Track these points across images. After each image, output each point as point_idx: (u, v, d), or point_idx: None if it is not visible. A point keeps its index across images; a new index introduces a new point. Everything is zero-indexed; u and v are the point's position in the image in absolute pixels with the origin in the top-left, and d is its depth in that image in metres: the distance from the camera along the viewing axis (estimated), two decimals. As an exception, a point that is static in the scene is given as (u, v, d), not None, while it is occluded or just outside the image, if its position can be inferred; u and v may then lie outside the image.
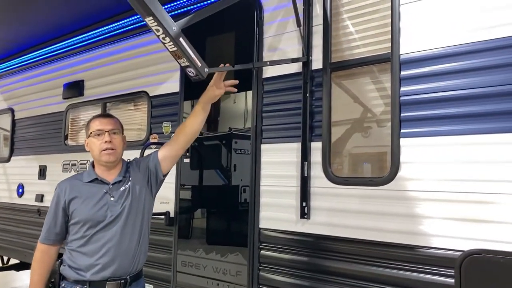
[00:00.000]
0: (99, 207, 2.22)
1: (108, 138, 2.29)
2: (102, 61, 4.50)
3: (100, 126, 2.32)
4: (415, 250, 2.41)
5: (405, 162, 2.48)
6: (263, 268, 3.04)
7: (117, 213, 2.23)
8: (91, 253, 2.19)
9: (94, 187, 2.27)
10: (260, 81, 3.19)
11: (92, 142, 2.32)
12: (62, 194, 2.26)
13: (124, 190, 2.28)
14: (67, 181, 2.34)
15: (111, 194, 2.26)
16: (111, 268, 2.19)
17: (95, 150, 2.31)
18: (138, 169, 2.41)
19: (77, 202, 2.23)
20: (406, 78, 2.52)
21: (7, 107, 5.85)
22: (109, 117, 2.44)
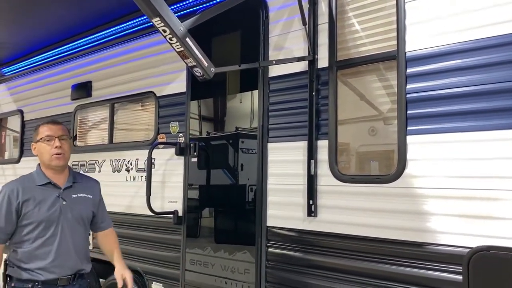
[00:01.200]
0: (53, 210, 2.40)
1: (58, 143, 2.45)
2: (109, 62, 4.54)
3: (50, 132, 2.48)
4: (423, 247, 2.41)
5: (412, 160, 2.49)
6: (271, 266, 3.06)
7: (68, 216, 2.44)
8: (44, 255, 2.36)
9: (47, 190, 2.43)
10: (266, 80, 3.21)
11: (41, 147, 2.47)
12: (13, 195, 2.37)
13: (76, 198, 2.52)
14: (16, 182, 2.46)
15: (63, 198, 2.45)
16: (63, 268, 2.40)
17: (45, 154, 2.46)
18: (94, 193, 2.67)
19: (31, 204, 2.36)
20: (412, 75, 2.52)
21: (16, 109, 5.92)
22: (58, 123, 2.61)
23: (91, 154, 4.63)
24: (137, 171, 4.10)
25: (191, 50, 2.25)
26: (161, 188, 3.84)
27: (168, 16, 2.17)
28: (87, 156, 4.67)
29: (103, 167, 4.46)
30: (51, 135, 2.47)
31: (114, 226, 4.09)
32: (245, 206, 3.35)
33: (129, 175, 4.16)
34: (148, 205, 3.58)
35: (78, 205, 2.52)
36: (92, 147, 4.68)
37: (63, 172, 2.54)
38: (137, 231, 4.00)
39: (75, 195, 2.52)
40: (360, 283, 2.61)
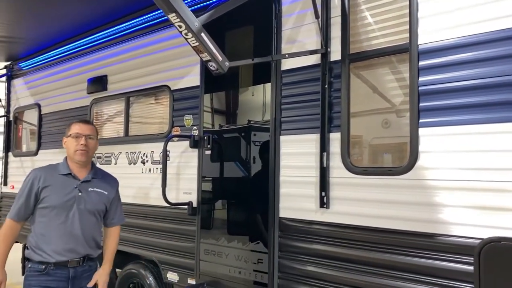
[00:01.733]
0: (68, 198, 2.64)
1: (84, 141, 2.72)
2: (124, 56, 4.61)
3: (79, 130, 2.75)
4: (434, 238, 2.44)
5: (424, 152, 2.51)
6: (283, 256, 3.12)
7: (81, 207, 2.67)
8: (56, 239, 2.60)
9: (67, 180, 2.68)
10: (278, 73, 3.24)
11: (70, 142, 2.75)
12: (36, 180, 2.63)
13: (92, 191, 2.74)
14: (42, 170, 2.73)
15: (80, 190, 2.69)
16: (72, 252, 2.63)
17: (71, 148, 2.73)
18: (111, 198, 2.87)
19: (49, 190, 2.62)
20: (425, 68, 2.53)
21: (34, 102, 6.04)
22: (89, 124, 2.91)
23: (107, 146, 4.72)
24: (152, 163, 4.18)
25: (206, 45, 2.30)
26: (175, 180, 3.92)
27: (183, 11, 2.22)
28: (103, 148, 4.76)
29: (119, 160, 4.55)
30: (80, 133, 2.73)
31: (131, 217, 4.22)
32: (257, 198, 3.40)
33: (145, 167, 4.25)
34: (164, 197, 3.66)
35: (92, 198, 2.74)
36: (108, 140, 4.77)
37: (85, 167, 2.79)
38: (152, 221, 4.09)
39: (91, 188, 2.75)
40: (372, 273, 2.66)
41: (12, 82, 6.66)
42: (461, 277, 2.32)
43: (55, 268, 2.59)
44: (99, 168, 3.01)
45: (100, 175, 2.88)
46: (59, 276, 2.60)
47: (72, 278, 2.64)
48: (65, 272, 2.62)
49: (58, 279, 2.60)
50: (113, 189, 2.92)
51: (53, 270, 2.59)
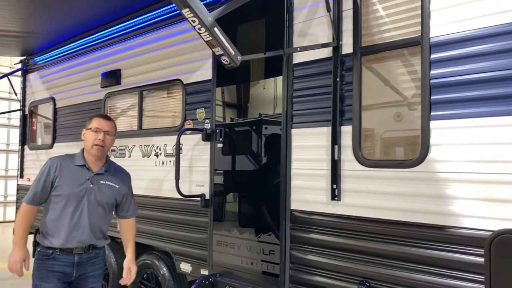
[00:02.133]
0: (80, 189, 2.75)
1: (102, 137, 2.82)
2: (137, 50, 4.66)
3: (99, 125, 2.84)
4: (445, 230, 2.46)
5: (435, 144, 2.53)
6: (295, 248, 3.16)
7: (91, 198, 2.77)
8: (63, 226, 2.70)
9: (81, 171, 2.79)
10: (290, 66, 3.27)
11: (89, 134, 2.84)
12: (53, 168, 2.74)
13: (103, 184, 2.83)
14: (59, 158, 2.83)
15: (92, 181, 2.78)
16: (77, 240, 2.74)
17: (88, 141, 2.83)
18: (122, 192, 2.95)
19: (63, 179, 2.73)
20: (436, 61, 2.54)
21: (48, 96, 6.14)
22: (109, 120, 2.97)
23: (121, 140, 4.80)
24: (165, 156, 4.24)
25: (219, 39, 2.33)
26: (188, 173, 3.98)
27: (197, 6, 2.26)
28: (117, 141, 4.81)
29: (133, 152, 4.62)
30: (99, 128, 2.83)
31: (145, 209, 4.29)
32: (268, 190, 3.44)
33: (158, 160, 4.31)
34: (177, 189, 3.72)
35: (103, 191, 2.83)
36: (122, 133, 4.84)
37: (100, 160, 2.89)
38: (166, 213, 4.16)
39: (103, 181, 2.84)
40: (383, 265, 2.69)
41: (27, 76, 6.77)
42: (472, 269, 2.35)
43: (61, 253, 2.70)
44: (114, 162, 3.08)
45: (113, 169, 2.96)
46: (65, 261, 2.71)
47: (77, 264, 2.75)
48: (71, 257, 2.73)
49: (64, 263, 2.71)
50: (125, 183, 2.99)
51: (59, 255, 2.70)
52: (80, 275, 2.78)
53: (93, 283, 2.84)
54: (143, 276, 4.38)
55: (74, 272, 2.75)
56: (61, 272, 2.71)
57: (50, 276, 2.68)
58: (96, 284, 2.86)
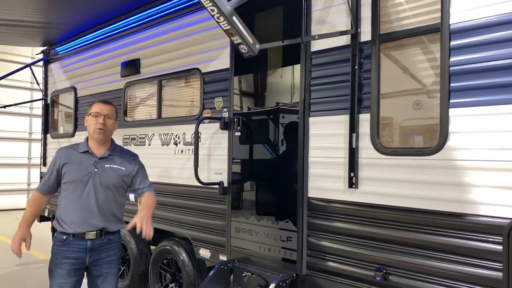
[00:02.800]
0: (84, 174, 2.82)
1: (102, 121, 2.87)
2: (156, 39, 4.72)
3: (98, 110, 2.90)
4: (463, 218, 2.46)
5: (454, 132, 2.52)
6: (312, 235, 3.20)
7: (97, 182, 2.82)
8: (73, 211, 2.80)
9: (85, 157, 2.87)
10: (308, 54, 3.27)
11: (90, 120, 2.92)
12: (58, 158, 2.87)
13: (108, 168, 2.88)
14: (65, 148, 2.96)
15: (96, 166, 2.85)
16: (88, 225, 2.80)
17: (90, 127, 2.90)
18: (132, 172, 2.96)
19: (69, 167, 2.83)
20: (456, 48, 2.52)
21: (70, 86, 6.27)
22: (108, 104, 3.01)
23: (141, 128, 4.88)
24: (184, 144, 4.31)
25: (238, 28, 2.35)
26: (207, 161, 4.04)
27: (215, -5, 2.28)
28: (137, 130, 4.93)
29: (153, 141, 4.70)
30: (99, 113, 2.89)
31: (165, 196, 4.38)
32: (286, 178, 3.48)
33: (177, 148, 4.38)
34: (196, 176, 3.78)
35: (108, 174, 2.87)
36: (142, 122, 4.93)
37: (104, 145, 2.95)
38: (185, 200, 4.24)
39: (108, 165, 2.89)
40: (399, 252, 2.71)
41: (49, 66, 6.91)
42: (489, 256, 2.35)
43: (74, 239, 2.78)
44: (119, 145, 3.10)
45: (118, 152, 2.98)
46: (78, 247, 2.78)
47: (90, 250, 2.79)
48: (83, 243, 2.78)
49: (77, 249, 2.78)
50: (132, 164, 2.98)
51: (72, 240, 2.78)
52: (94, 261, 2.82)
53: (107, 268, 2.87)
54: (163, 262, 4.48)
55: (87, 257, 2.80)
56: (74, 258, 2.77)
57: (63, 262, 2.76)
58: (111, 270, 2.90)
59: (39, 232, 9.07)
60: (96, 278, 2.87)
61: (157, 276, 4.51)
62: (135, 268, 4.83)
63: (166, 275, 4.43)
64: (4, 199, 12.20)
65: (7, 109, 8.22)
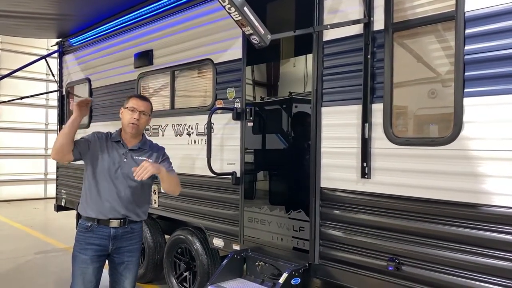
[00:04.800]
0: (114, 162, 2.90)
1: (137, 116, 2.94)
2: (169, 30, 4.73)
3: (135, 105, 2.96)
4: (478, 208, 2.44)
5: (468, 122, 2.49)
6: (325, 225, 3.21)
7: (125, 171, 2.89)
8: (99, 198, 2.86)
9: (116, 147, 2.95)
10: (320, 44, 3.25)
11: (125, 113, 2.97)
12: (94, 137, 2.94)
13: (136, 159, 2.92)
14: (101, 132, 3.01)
15: (125, 156, 2.92)
16: (111, 212, 2.87)
17: (125, 119, 2.96)
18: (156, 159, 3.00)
19: (100, 153, 2.89)
20: (471, 36, 2.48)
21: (84, 77, 6.33)
22: (146, 100, 3.06)
23: (154, 119, 4.89)
24: (197, 135, 4.34)
25: (249, 18, 2.35)
26: (219, 151, 4.06)
27: (226, -14, 2.28)
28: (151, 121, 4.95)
29: (166, 132, 4.74)
30: (135, 108, 2.95)
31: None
32: (299, 168, 3.48)
33: (190, 138, 4.42)
34: (209, 167, 3.81)
35: (136, 165, 2.80)
36: (155, 113, 4.92)
37: (135, 138, 3.02)
38: (198, 190, 4.28)
39: (137, 157, 2.95)
40: (412, 242, 2.70)
41: (63, 58, 6.99)
42: (504, 247, 2.34)
43: (98, 226, 2.85)
44: (150, 140, 3.17)
45: (148, 147, 3.05)
46: (101, 234, 2.85)
47: (113, 237, 2.87)
48: (107, 230, 2.86)
49: (101, 236, 2.86)
50: (158, 156, 3.03)
51: (97, 228, 2.85)
52: (116, 248, 2.90)
53: (129, 257, 2.95)
54: (177, 251, 4.55)
55: (110, 245, 2.87)
56: (98, 245, 2.85)
57: (87, 248, 2.84)
58: (132, 258, 2.98)
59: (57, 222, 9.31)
60: (118, 266, 2.95)
61: (171, 265, 4.58)
62: (150, 257, 4.91)
63: (181, 264, 4.50)
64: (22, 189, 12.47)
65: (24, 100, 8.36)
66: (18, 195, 12.35)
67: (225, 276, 3.62)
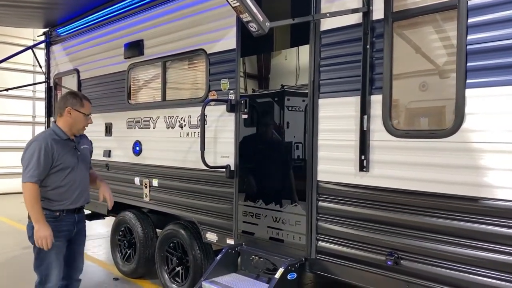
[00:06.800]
0: (74, 158, 3.15)
1: (91, 121, 3.25)
2: (160, 20, 4.60)
3: (90, 111, 3.23)
4: (479, 201, 2.40)
5: (470, 113, 2.43)
6: (321, 219, 3.15)
7: (82, 162, 3.21)
8: (69, 192, 3.11)
9: (68, 144, 3.14)
10: (317, 34, 3.17)
11: (80, 118, 3.15)
12: (48, 147, 3.00)
13: (83, 149, 3.26)
14: (46, 137, 3.05)
15: (77, 149, 3.19)
16: (80, 201, 3.20)
17: (80, 124, 3.17)
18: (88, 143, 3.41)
19: (60, 154, 3.05)
20: (474, 25, 2.42)
21: (72, 68, 6.17)
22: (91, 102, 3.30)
23: (145, 111, 4.81)
24: (190, 127, 4.24)
25: (247, 5, 2.26)
26: (213, 144, 3.97)
27: (223, -29, 2.18)
28: (141, 113, 4.86)
29: (158, 124, 4.63)
30: (90, 113, 3.22)
31: (170, 180, 4.36)
32: (290, 164, 3.41)
33: (183, 131, 4.32)
34: (203, 160, 3.72)
35: (85, 154, 3.29)
36: (146, 105, 4.85)
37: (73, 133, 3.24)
38: (191, 184, 4.19)
39: (82, 146, 3.27)
40: (412, 236, 2.66)
41: (51, 48, 6.80)
42: (506, 241, 2.30)
43: (66, 214, 3.11)
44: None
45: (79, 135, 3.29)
46: (69, 221, 3.15)
47: (77, 222, 3.22)
48: (73, 217, 3.18)
49: (68, 223, 3.15)
50: (89, 142, 3.42)
51: (65, 216, 3.11)
52: (77, 231, 3.24)
53: (84, 236, 3.36)
54: (169, 245, 4.46)
55: (75, 228, 3.21)
56: (67, 231, 3.14)
57: (60, 235, 3.08)
58: (85, 237, 3.39)
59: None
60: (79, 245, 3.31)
61: (163, 259, 4.50)
62: (141, 252, 4.82)
63: (173, 259, 4.42)
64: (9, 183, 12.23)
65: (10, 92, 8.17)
66: (4, 188, 12.12)
67: (219, 271, 3.55)
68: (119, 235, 5.20)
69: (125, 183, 4.99)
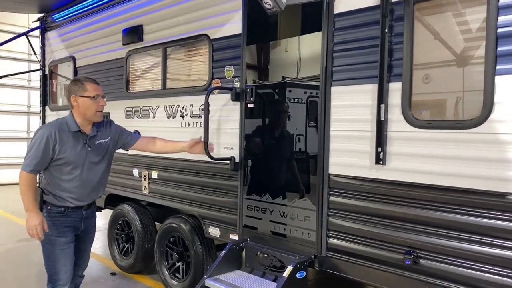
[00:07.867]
0: (80, 154, 2.86)
1: (103, 102, 2.89)
2: (160, 4, 4.37)
3: (98, 92, 2.88)
4: (507, 197, 2.23)
5: (500, 102, 2.25)
6: (333, 214, 2.97)
7: (91, 160, 2.92)
8: (74, 188, 2.88)
9: (77, 137, 2.86)
10: (331, 17, 2.97)
11: (88, 103, 2.84)
12: (51, 137, 2.76)
13: (98, 144, 2.96)
14: (53, 126, 2.82)
15: (88, 145, 2.90)
16: (87, 198, 2.97)
17: (90, 109, 2.85)
18: (115, 135, 3.08)
19: (65, 147, 2.80)
20: (506, 6, 2.23)
21: (68, 55, 5.93)
22: (98, 83, 2.98)
23: (144, 100, 4.60)
24: (192, 117, 4.04)
25: (262, -21, 2.06)
26: (216, 135, 3.78)
27: None
28: (140, 102, 4.65)
29: (158, 113, 4.43)
30: (98, 95, 2.86)
31: (171, 172, 4.15)
32: (304, 153, 3.23)
33: (184, 121, 4.11)
34: (206, 151, 3.52)
35: (100, 150, 2.98)
36: (145, 93, 4.64)
37: (90, 123, 2.94)
38: (193, 176, 4.00)
39: (97, 141, 2.96)
40: (432, 234, 2.49)
41: (46, 35, 6.55)
42: (538, 241, 2.12)
43: (72, 210, 2.92)
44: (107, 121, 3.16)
45: (101, 126, 3.02)
46: (76, 217, 2.95)
47: (85, 218, 3.01)
48: (80, 213, 2.97)
49: (75, 219, 2.96)
50: (112, 131, 3.07)
51: (71, 212, 2.92)
52: (85, 228, 3.04)
53: (92, 233, 3.17)
54: (169, 240, 4.28)
55: (82, 225, 3.01)
56: (73, 227, 2.95)
57: (66, 231, 2.91)
58: (94, 234, 3.21)
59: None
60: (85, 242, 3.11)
61: (163, 254, 4.32)
62: (140, 246, 4.65)
63: (173, 254, 4.24)
64: (2, 174, 12.02)
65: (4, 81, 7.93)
66: (-1, 179, 11.93)
67: (223, 268, 3.38)
68: (117, 229, 5.02)
69: (123, 174, 4.79)
